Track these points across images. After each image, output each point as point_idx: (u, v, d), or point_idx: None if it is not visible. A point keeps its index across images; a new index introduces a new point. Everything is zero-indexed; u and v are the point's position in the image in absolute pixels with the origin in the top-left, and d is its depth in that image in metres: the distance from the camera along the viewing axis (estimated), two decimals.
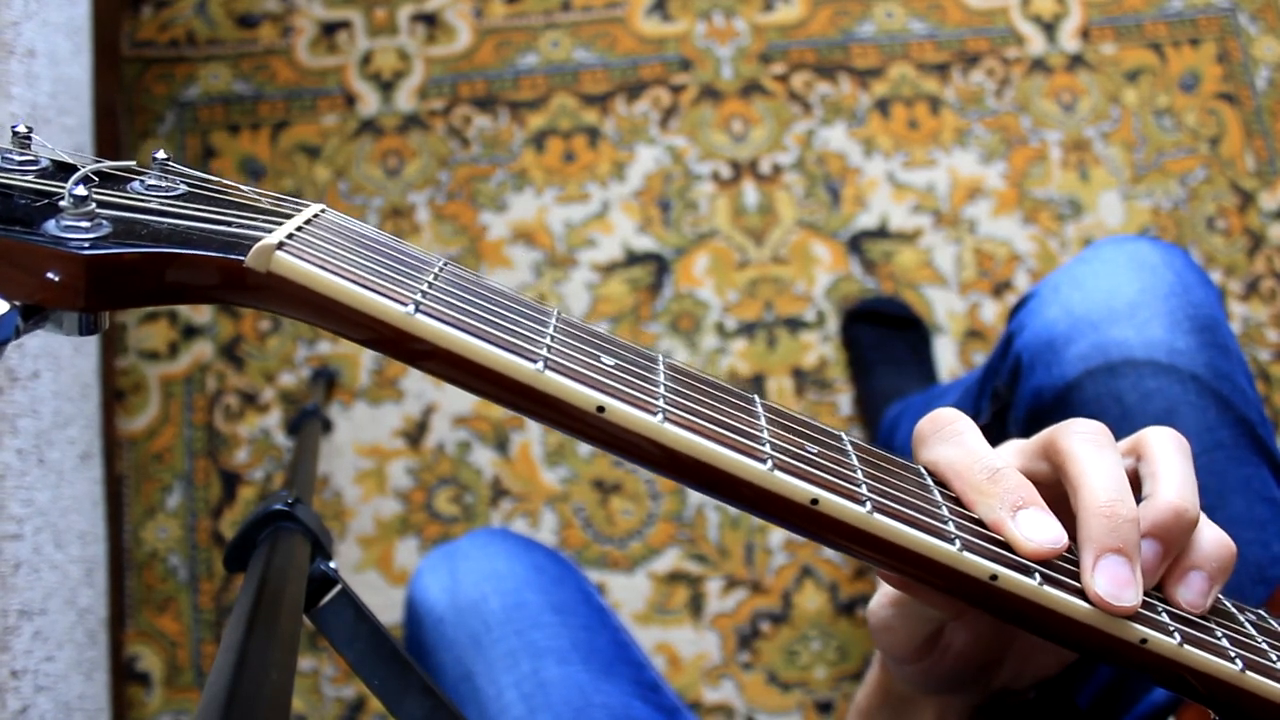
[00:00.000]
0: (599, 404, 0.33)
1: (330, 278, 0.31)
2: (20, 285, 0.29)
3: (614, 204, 1.42)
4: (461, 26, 1.49)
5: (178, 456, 1.33)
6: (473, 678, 0.73)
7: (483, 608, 0.76)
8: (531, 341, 0.34)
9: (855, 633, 1.28)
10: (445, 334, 0.32)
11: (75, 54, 1.08)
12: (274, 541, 0.51)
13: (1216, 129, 1.46)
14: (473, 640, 0.75)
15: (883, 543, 0.35)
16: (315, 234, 0.33)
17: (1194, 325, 0.68)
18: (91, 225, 0.30)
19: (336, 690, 1.27)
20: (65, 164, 0.33)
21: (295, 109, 1.44)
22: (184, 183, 0.34)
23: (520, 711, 0.70)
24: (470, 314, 0.33)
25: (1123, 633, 0.36)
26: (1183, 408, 0.66)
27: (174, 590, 1.29)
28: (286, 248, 0.31)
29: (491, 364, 0.32)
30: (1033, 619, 0.36)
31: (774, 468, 0.34)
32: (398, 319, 0.32)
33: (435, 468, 1.33)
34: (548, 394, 0.33)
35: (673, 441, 0.33)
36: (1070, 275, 0.73)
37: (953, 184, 1.43)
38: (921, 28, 1.49)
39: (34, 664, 0.90)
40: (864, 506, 0.34)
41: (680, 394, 0.36)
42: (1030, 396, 0.72)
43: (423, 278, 0.34)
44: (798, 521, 0.35)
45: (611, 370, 0.35)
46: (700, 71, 1.47)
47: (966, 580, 0.35)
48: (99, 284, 0.29)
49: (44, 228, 0.29)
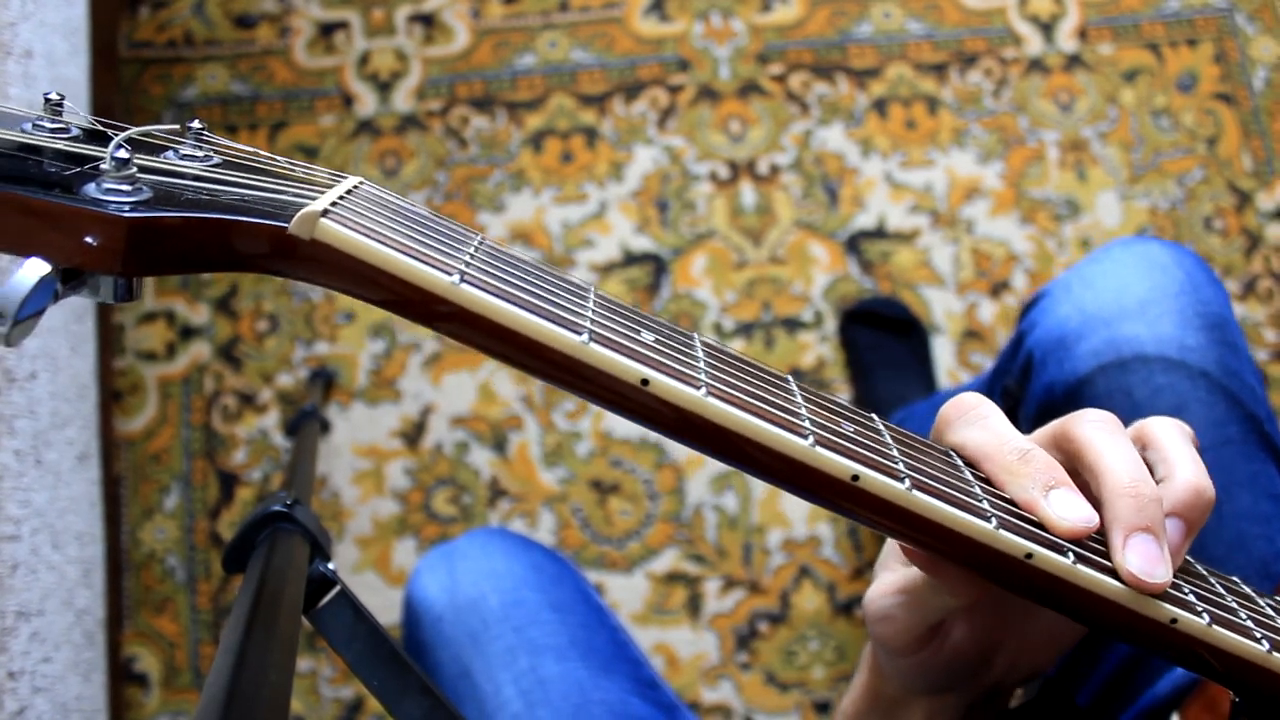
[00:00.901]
0: (643, 377, 0.33)
1: (376, 245, 0.31)
2: (59, 248, 0.28)
3: (612, 204, 1.42)
4: (459, 27, 1.49)
5: (175, 457, 1.33)
6: (471, 675, 0.73)
7: (481, 605, 0.76)
8: (575, 314, 0.33)
9: (853, 633, 1.28)
10: (490, 304, 0.32)
11: (72, 55, 1.08)
12: (272, 542, 0.51)
13: (1214, 129, 1.46)
14: (471, 638, 0.75)
15: (920, 519, 0.35)
16: (357, 203, 0.33)
17: (1204, 323, 0.69)
18: (132, 189, 0.29)
19: (335, 691, 1.27)
20: (96, 131, 0.33)
21: (293, 109, 1.44)
22: (218, 152, 0.34)
23: (519, 708, 0.71)
24: (514, 285, 0.33)
25: (1153, 612, 0.36)
26: (1192, 403, 0.67)
27: (172, 591, 1.29)
28: (331, 215, 0.31)
29: (536, 335, 0.32)
30: (1065, 598, 0.36)
31: (815, 443, 0.34)
32: (443, 289, 0.31)
33: (433, 468, 1.33)
34: (592, 366, 0.32)
35: (716, 415, 0.33)
36: (1081, 275, 0.75)
37: (950, 184, 1.43)
38: (919, 28, 1.49)
39: (31, 665, 0.89)
40: (903, 483, 0.34)
41: (720, 370, 0.36)
42: (1042, 392, 0.73)
43: (464, 249, 0.34)
44: (836, 497, 0.35)
45: (653, 345, 0.34)
46: (698, 72, 1.47)
47: (1001, 558, 0.35)
48: (139, 248, 0.29)
49: (84, 191, 0.29)
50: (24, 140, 0.31)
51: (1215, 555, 0.65)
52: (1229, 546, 0.65)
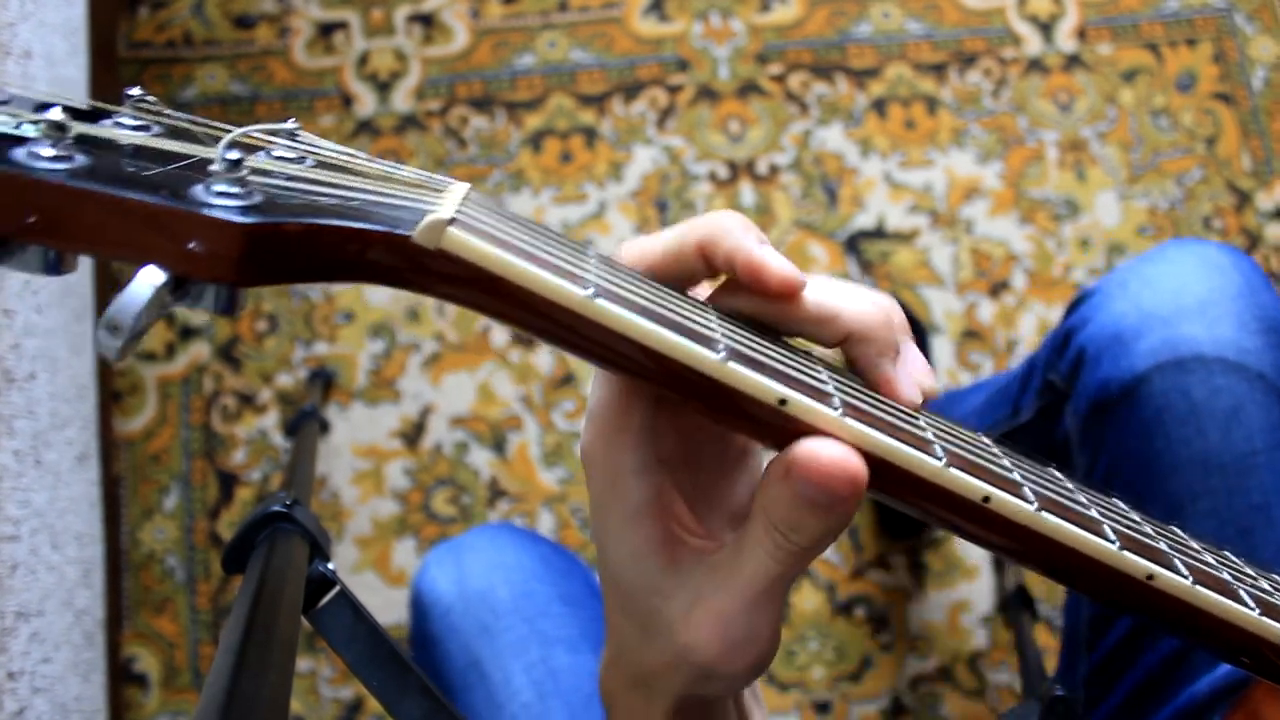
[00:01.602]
0: (781, 396, 0.31)
1: (506, 256, 0.29)
2: (168, 256, 0.26)
3: (611, 204, 1.42)
4: (458, 27, 1.49)
5: (175, 457, 1.33)
6: (480, 665, 0.73)
7: (491, 597, 0.76)
8: (707, 328, 0.32)
9: (853, 633, 1.28)
10: (627, 320, 0.30)
11: (72, 55, 1.08)
12: (272, 543, 0.51)
13: (1213, 129, 1.46)
14: (481, 628, 0.75)
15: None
16: (478, 210, 0.31)
17: (1261, 326, 0.70)
18: (244, 193, 0.27)
19: (334, 691, 1.27)
20: (180, 129, 0.31)
21: (292, 109, 1.44)
22: (310, 153, 0.32)
23: (530, 697, 0.71)
24: (644, 299, 0.31)
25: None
26: (1249, 405, 0.68)
27: (171, 591, 1.29)
28: (459, 223, 0.29)
29: (673, 353, 0.30)
30: (1184, 617, 0.35)
31: (948, 464, 0.32)
32: (578, 303, 0.29)
33: (433, 468, 1.33)
34: (729, 385, 0.31)
35: (855, 437, 0.31)
36: (1138, 273, 0.75)
37: (949, 184, 1.43)
38: (918, 28, 1.49)
39: (31, 665, 0.90)
40: (1032, 505, 0.33)
41: (847, 387, 0.34)
42: (1096, 388, 0.73)
43: (587, 261, 0.32)
44: (963, 518, 0.33)
45: (786, 359, 0.33)
46: (697, 72, 1.47)
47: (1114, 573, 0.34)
48: (255, 256, 0.26)
49: (192, 194, 0.27)
50: (131, 141, 0.29)
51: (1265, 557, 0.65)
52: (1278, 551, 0.66)
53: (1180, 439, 0.68)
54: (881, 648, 1.28)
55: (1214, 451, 0.67)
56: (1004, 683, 1.27)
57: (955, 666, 1.27)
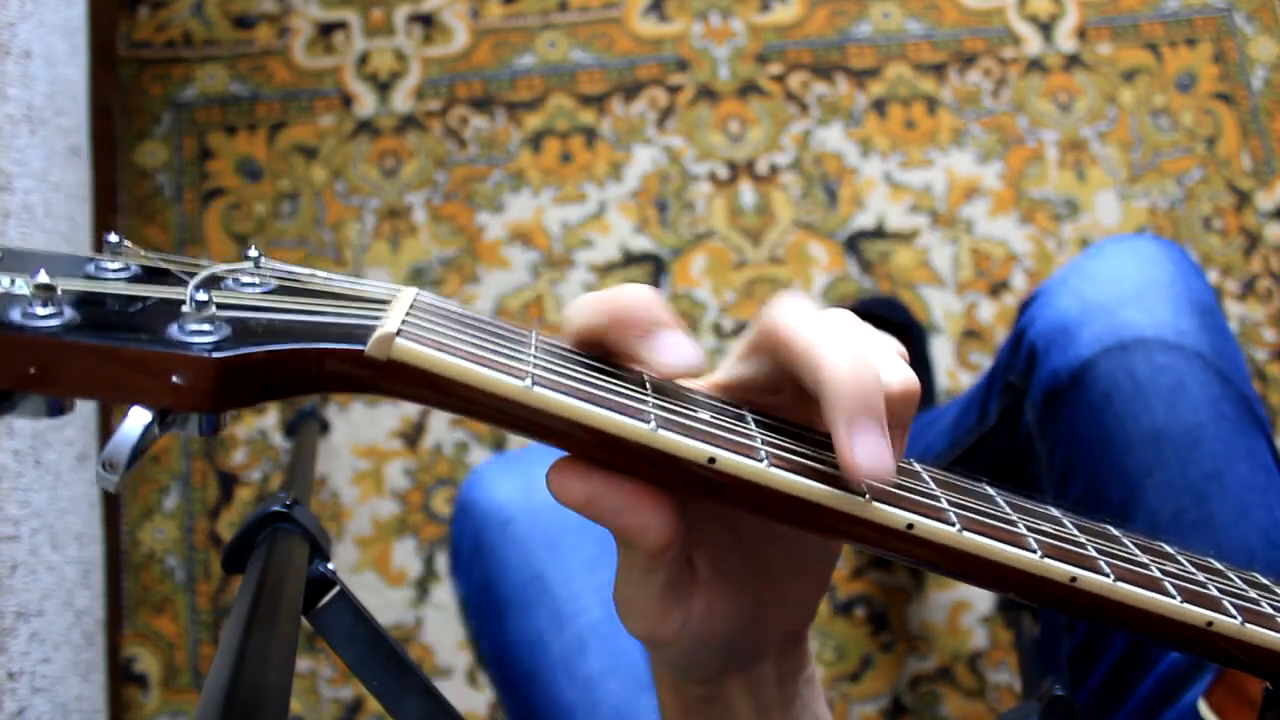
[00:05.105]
0: (710, 455, 0.34)
1: (450, 359, 0.32)
2: (153, 393, 0.29)
3: (611, 204, 1.42)
4: (458, 27, 1.49)
5: (175, 458, 1.33)
6: (545, 579, 0.74)
7: (562, 512, 0.75)
8: (639, 402, 0.35)
9: (853, 633, 1.28)
10: (562, 404, 0.33)
11: (71, 55, 1.08)
12: (272, 543, 0.51)
13: (1213, 129, 1.46)
14: (548, 543, 0.75)
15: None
16: (422, 317, 0.34)
17: (1195, 309, 0.75)
18: (214, 328, 0.30)
19: (334, 691, 1.27)
20: (153, 268, 0.34)
21: (292, 110, 1.44)
22: (274, 277, 0.35)
23: (598, 615, 0.72)
24: (578, 381, 0.34)
25: (1189, 618, 0.37)
26: (1190, 382, 0.72)
27: (171, 591, 1.29)
28: (404, 334, 0.32)
29: (608, 428, 0.33)
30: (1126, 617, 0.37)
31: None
32: (516, 393, 0.32)
33: (433, 468, 1.33)
34: (661, 450, 0.34)
35: (783, 485, 0.34)
36: (1078, 270, 0.80)
37: (950, 184, 1.43)
38: (918, 28, 1.49)
39: (31, 665, 0.90)
40: (954, 527, 0.36)
41: (773, 439, 0.36)
42: (1047, 378, 0.77)
43: (525, 350, 0.35)
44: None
45: (710, 422, 0.36)
46: (697, 72, 1.47)
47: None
48: (228, 385, 0.30)
49: (167, 334, 0.30)
50: (111, 291, 0.32)
51: (1223, 522, 0.69)
52: (1234, 515, 0.70)
53: (1130, 415, 0.72)
54: (881, 648, 1.28)
55: (1162, 425, 0.71)
56: (1004, 683, 1.27)
57: (955, 666, 1.27)
